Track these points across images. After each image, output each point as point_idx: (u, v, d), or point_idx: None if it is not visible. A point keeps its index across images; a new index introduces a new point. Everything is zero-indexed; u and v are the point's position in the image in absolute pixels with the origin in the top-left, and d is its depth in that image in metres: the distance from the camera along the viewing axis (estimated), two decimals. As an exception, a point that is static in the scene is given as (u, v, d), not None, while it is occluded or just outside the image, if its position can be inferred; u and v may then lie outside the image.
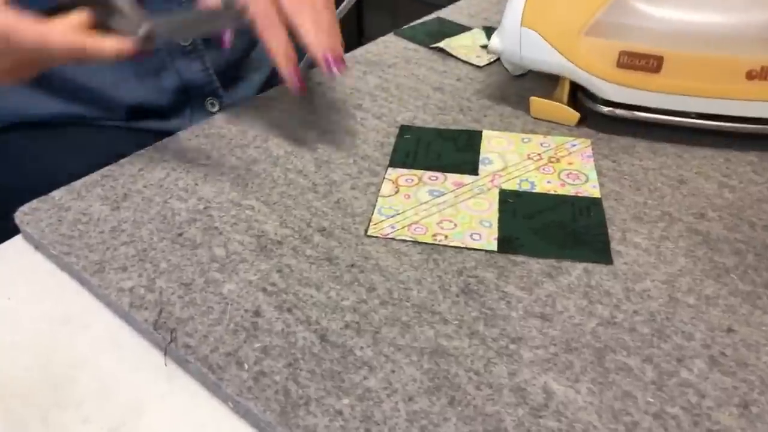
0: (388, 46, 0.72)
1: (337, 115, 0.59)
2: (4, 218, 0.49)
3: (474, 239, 0.44)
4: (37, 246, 0.46)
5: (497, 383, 0.34)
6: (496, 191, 0.48)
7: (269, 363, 0.36)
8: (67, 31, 0.44)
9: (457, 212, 0.47)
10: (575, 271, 0.41)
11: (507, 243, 0.43)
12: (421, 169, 0.51)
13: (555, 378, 0.34)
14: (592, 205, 0.46)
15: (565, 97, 0.57)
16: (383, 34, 0.75)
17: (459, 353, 0.36)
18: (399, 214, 0.46)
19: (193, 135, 0.57)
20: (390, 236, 0.45)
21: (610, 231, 0.45)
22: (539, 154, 0.52)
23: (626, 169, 0.51)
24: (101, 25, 0.47)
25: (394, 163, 0.52)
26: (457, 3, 0.84)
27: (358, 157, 0.54)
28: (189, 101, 0.68)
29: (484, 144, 0.54)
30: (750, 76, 0.49)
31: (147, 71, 0.64)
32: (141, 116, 0.65)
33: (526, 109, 0.59)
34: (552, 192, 0.48)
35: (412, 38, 0.74)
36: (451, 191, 0.49)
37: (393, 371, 0.35)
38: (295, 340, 0.37)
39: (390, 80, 0.65)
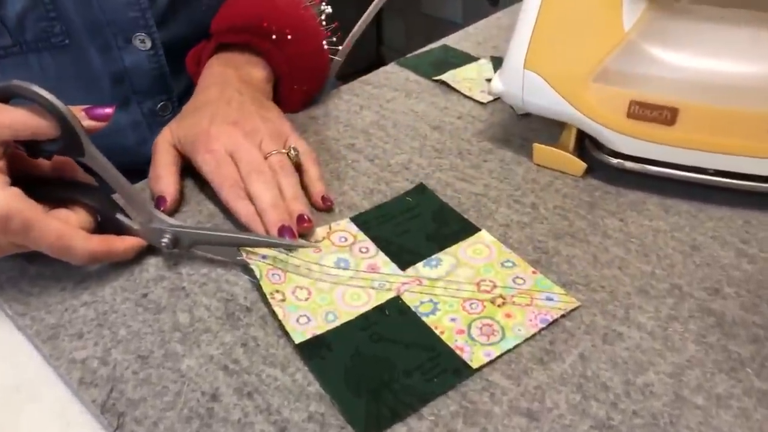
0: (389, 78, 0.69)
1: (326, 154, 0.56)
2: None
3: (299, 323, 0.39)
4: (-5, 301, 0.43)
5: (472, 498, 0.30)
6: (390, 295, 0.42)
7: (221, 461, 0.32)
8: (89, 237, 0.41)
9: (323, 292, 0.42)
10: (570, 357, 0.37)
11: (311, 348, 0.38)
12: (369, 236, 0.46)
13: (538, 495, 0.30)
14: (453, 374, 0.36)
15: (571, 145, 0.53)
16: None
17: (432, 458, 0.32)
18: (284, 254, 0.43)
19: (172, 176, 0.53)
20: (249, 262, 0.42)
21: (612, 306, 0.40)
22: (495, 286, 0.42)
23: (634, 230, 0.47)
24: (105, 217, 0.44)
25: (356, 218, 0.48)
26: (466, 29, 0.80)
27: (344, 206, 0.50)
28: None
29: (463, 244, 0.46)
30: (775, 132, 0.45)
31: (129, 146, 0.63)
32: None
33: (530, 154, 0.55)
34: (436, 331, 0.39)
35: (415, 69, 0.70)
36: (354, 272, 0.43)
37: (356, 478, 0.31)
38: (251, 433, 0.34)
39: (387, 117, 0.62)
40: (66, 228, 0.40)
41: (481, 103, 0.64)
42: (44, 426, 0.36)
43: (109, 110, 0.43)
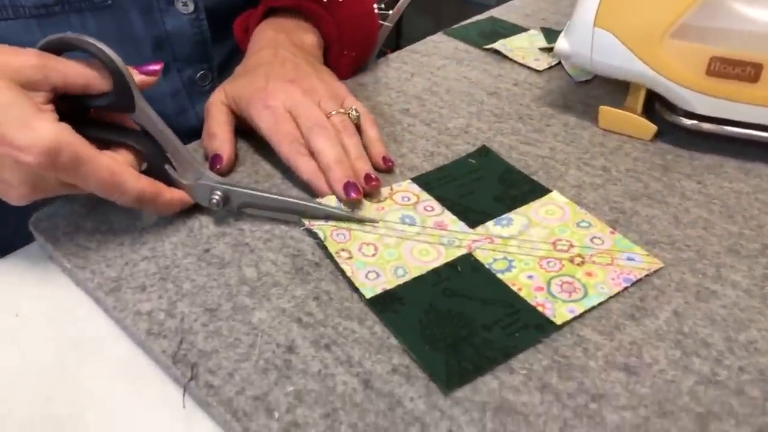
0: (437, 47, 0.67)
1: (380, 119, 0.54)
2: (23, 223, 0.45)
3: (368, 278, 0.38)
4: (51, 256, 0.42)
5: (576, 452, 0.29)
6: (462, 252, 0.40)
7: (303, 412, 0.31)
8: (140, 175, 0.39)
9: (390, 247, 0.40)
10: (663, 313, 0.35)
11: (383, 302, 0.36)
12: (433, 196, 0.45)
13: (648, 450, 0.29)
14: (536, 329, 0.34)
15: (639, 107, 0.51)
16: (424, 36, 0.70)
17: (529, 411, 0.30)
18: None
19: (225, 138, 0.52)
20: (312, 228, 0.41)
21: (701, 265, 0.38)
22: (572, 245, 0.40)
23: (714, 192, 0.44)
24: (152, 166, 0.42)
25: (417, 179, 0.46)
26: (512, 2, 0.78)
27: (404, 168, 0.48)
28: None
29: (534, 205, 0.44)
30: None
31: (168, 115, 0.62)
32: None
33: (594, 118, 0.53)
34: (513, 288, 0.37)
35: (463, 38, 0.68)
36: (420, 228, 0.42)
37: (450, 431, 0.30)
38: (333, 385, 0.32)
39: (440, 83, 0.60)
40: (118, 164, 0.38)
41: (537, 71, 0.62)
42: (110, 380, 0.35)
43: (157, 67, 0.42)
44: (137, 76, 0.40)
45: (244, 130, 0.50)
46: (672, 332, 0.34)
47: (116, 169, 0.38)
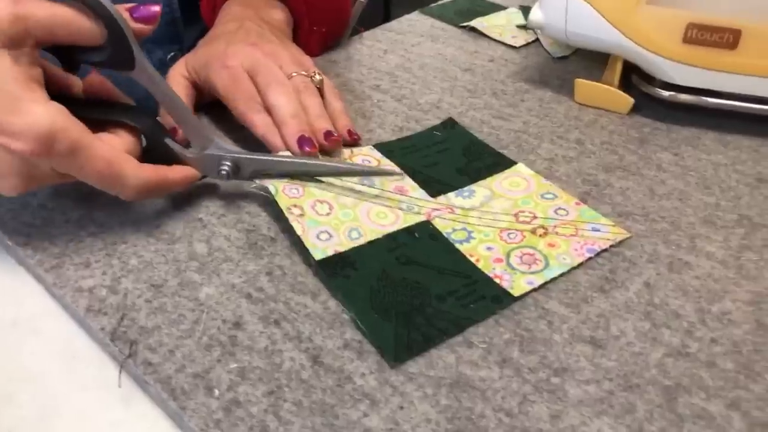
0: (412, 25, 0.65)
1: (350, 95, 0.52)
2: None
3: (320, 239, 0.35)
4: (-5, 235, 0.40)
5: (535, 428, 0.27)
6: (420, 219, 0.38)
7: (246, 389, 0.29)
8: (141, 165, 0.35)
9: (346, 207, 0.38)
10: (634, 285, 0.33)
11: (334, 266, 0.34)
12: (395, 164, 0.43)
13: (612, 425, 0.27)
14: (492, 301, 0.33)
15: (616, 80, 0.49)
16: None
17: (486, 387, 0.28)
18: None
19: (186, 114, 0.50)
20: (266, 183, 0.38)
21: (675, 236, 0.36)
22: (535, 217, 0.38)
23: (691, 163, 0.43)
24: (152, 142, 0.38)
25: (379, 146, 0.45)
26: (491, -19, 0.76)
27: (371, 142, 0.46)
28: None
29: (498, 177, 0.42)
30: None
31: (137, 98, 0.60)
32: None
33: (570, 93, 0.51)
34: (471, 259, 0.35)
35: (440, 16, 0.66)
36: (379, 191, 0.40)
37: (401, 407, 0.28)
38: (280, 361, 0.30)
39: (413, 60, 0.58)
40: (117, 153, 0.34)
41: (514, 47, 0.60)
42: (48, 360, 0.32)
43: (155, 8, 0.36)
44: (132, 24, 0.34)
45: (208, 101, 0.48)
46: (642, 304, 0.32)
47: (115, 158, 0.34)
